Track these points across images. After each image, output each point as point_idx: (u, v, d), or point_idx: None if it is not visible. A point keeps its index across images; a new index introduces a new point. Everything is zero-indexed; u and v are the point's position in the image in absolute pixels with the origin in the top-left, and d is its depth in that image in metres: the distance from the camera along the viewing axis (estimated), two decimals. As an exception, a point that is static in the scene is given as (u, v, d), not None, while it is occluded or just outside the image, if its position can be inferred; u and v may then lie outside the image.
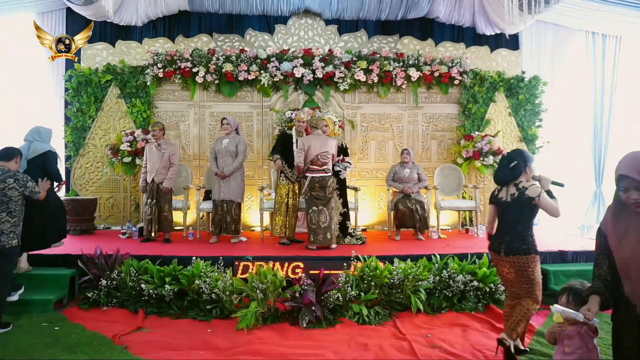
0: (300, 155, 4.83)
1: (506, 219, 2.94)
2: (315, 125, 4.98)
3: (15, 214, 3.46)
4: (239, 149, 5.20)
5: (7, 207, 3.41)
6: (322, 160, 4.85)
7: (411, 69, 6.46)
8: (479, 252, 4.46)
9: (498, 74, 6.71)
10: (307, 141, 4.86)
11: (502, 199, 2.94)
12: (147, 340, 3.30)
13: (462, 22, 7.11)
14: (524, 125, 6.76)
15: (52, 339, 3.30)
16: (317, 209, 4.83)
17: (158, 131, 5.35)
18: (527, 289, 2.87)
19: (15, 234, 3.47)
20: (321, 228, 4.82)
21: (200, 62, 6.28)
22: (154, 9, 6.58)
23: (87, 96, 6.31)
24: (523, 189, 2.84)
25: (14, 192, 3.43)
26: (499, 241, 2.95)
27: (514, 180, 2.90)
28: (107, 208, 6.47)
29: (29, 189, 3.52)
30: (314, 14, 6.84)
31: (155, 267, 4.07)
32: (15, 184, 3.44)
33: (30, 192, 3.54)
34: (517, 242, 2.85)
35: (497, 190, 3.03)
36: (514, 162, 2.90)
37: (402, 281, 3.94)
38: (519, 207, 2.85)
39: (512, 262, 2.88)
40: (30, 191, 3.53)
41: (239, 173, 5.26)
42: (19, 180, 3.47)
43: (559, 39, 7.24)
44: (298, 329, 3.54)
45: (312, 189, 4.83)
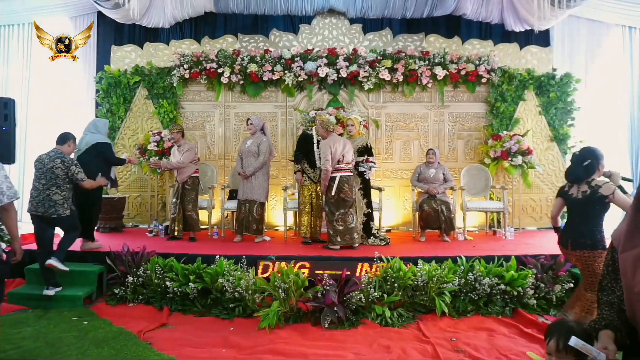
0: (328, 159, 4.74)
1: (575, 214, 3.11)
2: (325, 127, 4.90)
3: (64, 189, 3.96)
4: (260, 149, 5.22)
5: (56, 182, 3.92)
6: (346, 159, 4.83)
7: (437, 67, 6.34)
8: (507, 255, 4.33)
9: (528, 71, 6.51)
10: (329, 143, 4.82)
11: (572, 195, 3.08)
12: (171, 337, 3.35)
13: (490, 19, 6.95)
14: (555, 124, 6.54)
15: (81, 333, 3.39)
16: (345, 210, 4.79)
17: (176, 134, 5.45)
18: (591, 282, 3.00)
19: (68, 205, 3.99)
20: (348, 229, 4.79)
21: (226, 62, 6.35)
22: (181, 11, 6.69)
23: (117, 97, 6.47)
24: (596, 187, 2.96)
25: (60, 171, 3.93)
26: (566, 236, 3.13)
27: (587, 178, 3.03)
28: (135, 206, 6.61)
29: (71, 172, 3.96)
30: (338, 13, 6.82)
31: (180, 265, 4.13)
32: (61, 164, 3.94)
33: (72, 175, 3.97)
34: (584, 238, 3.01)
35: (567, 186, 3.18)
36: (587, 161, 3.03)
37: (426, 283, 3.87)
38: (590, 204, 2.99)
39: (578, 256, 3.07)
40: (72, 174, 3.97)
41: (261, 173, 5.26)
42: (65, 162, 3.96)
43: (594, 34, 6.97)
44: (320, 329, 3.52)
45: (341, 190, 4.78)
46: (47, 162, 3.93)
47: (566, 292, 4.02)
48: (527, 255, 4.31)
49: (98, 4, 6.21)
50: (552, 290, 3.99)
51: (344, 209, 4.80)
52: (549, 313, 3.87)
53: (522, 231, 6.26)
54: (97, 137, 4.78)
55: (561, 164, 6.56)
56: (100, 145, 4.74)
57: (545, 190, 6.58)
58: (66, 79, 6.91)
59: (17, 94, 6.09)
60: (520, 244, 5.17)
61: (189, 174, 5.37)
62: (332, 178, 4.78)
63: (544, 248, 4.84)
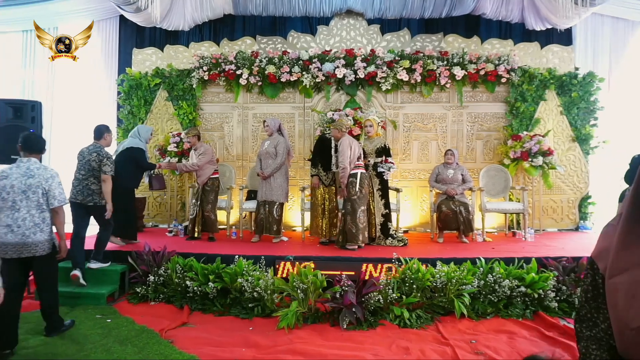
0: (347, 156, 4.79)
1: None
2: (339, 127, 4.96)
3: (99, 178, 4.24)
4: (277, 150, 5.26)
5: (93, 174, 4.25)
6: (361, 158, 4.92)
7: (455, 67, 6.30)
8: (527, 257, 4.28)
9: (549, 71, 6.41)
10: (347, 143, 4.84)
11: None
12: (191, 336, 3.41)
13: (510, 18, 6.87)
14: (577, 124, 6.42)
15: (105, 331, 3.47)
16: (365, 208, 4.83)
17: (192, 137, 5.54)
18: None
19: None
20: (366, 228, 4.83)
21: (244, 64, 6.41)
22: (200, 14, 6.79)
23: (138, 99, 6.60)
24: None
25: (95, 164, 4.25)
26: None
27: None
28: (155, 207, 6.73)
29: (103, 164, 4.23)
30: (356, 14, 6.82)
31: (200, 264, 4.20)
32: (96, 157, 4.26)
33: (101, 166, 4.23)
34: None
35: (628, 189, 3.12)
36: None
37: (445, 285, 3.84)
38: None
39: None
40: (102, 166, 4.23)
41: (279, 174, 5.30)
42: (99, 154, 4.26)
43: (618, 32, 6.83)
44: (338, 329, 3.54)
45: (363, 185, 4.83)
46: (86, 154, 4.28)
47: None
48: (548, 257, 4.25)
49: (120, 8, 6.34)
50: (574, 293, 3.92)
51: (364, 206, 4.83)
52: (571, 316, 3.81)
53: (543, 233, 6.17)
54: (134, 141, 5.00)
55: (583, 165, 6.44)
56: (132, 150, 4.94)
57: (566, 191, 6.47)
58: (89, 81, 7.08)
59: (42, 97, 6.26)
60: (540, 246, 5.09)
61: (208, 176, 5.44)
62: (353, 174, 4.82)
63: (566, 250, 4.76)
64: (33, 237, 3.11)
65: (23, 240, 3.08)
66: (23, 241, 3.08)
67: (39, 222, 3.14)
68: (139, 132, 5.15)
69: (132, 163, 4.93)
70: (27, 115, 4.96)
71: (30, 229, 3.10)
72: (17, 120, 4.94)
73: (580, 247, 5.08)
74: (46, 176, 3.20)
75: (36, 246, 3.13)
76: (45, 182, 3.18)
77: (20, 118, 4.95)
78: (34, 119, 4.99)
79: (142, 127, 5.25)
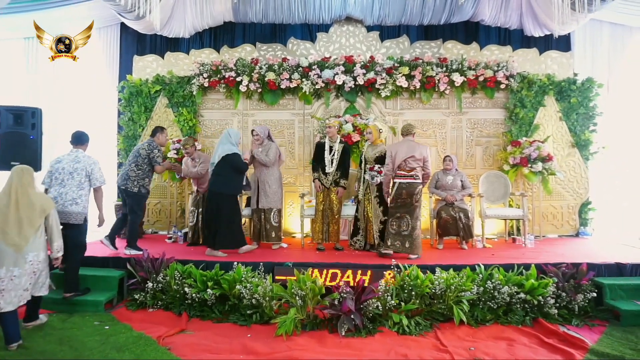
0: (388, 163, 4.82)
1: None
2: (405, 132, 4.96)
3: (140, 168, 4.87)
4: (269, 155, 5.23)
5: (136, 161, 4.87)
6: (409, 165, 4.78)
7: (455, 73, 6.32)
8: (526, 263, 4.27)
9: (548, 76, 6.43)
10: (394, 147, 4.88)
11: None
12: (189, 343, 3.39)
13: (509, 25, 6.90)
14: (577, 130, 6.42)
15: (103, 337, 3.46)
16: (399, 215, 4.76)
17: (190, 147, 5.60)
18: None
19: (140, 185, 4.88)
20: (400, 235, 4.73)
21: (244, 71, 6.44)
22: (201, 21, 6.84)
23: (138, 106, 6.62)
24: None
25: (143, 152, 4.89)
26: None
27: None
28: (154, 213, 6.73)
29: (153, 154, 4.89)
30: (355, 21, 6.86)
31: (199, 271, 4.19)
32: (147, 146, 4.92)
33: (153, 157, 4.89)
34: None
35: None
36: None
37: (444, 291, 3.83)
38: None
39: None
40: (153, 156, 4.89)
41: (274, 180, 5.29)
42: (150, 144, 4.94)
43: (616, 38, 6.85)
44: (337, 336, 3.52)
45: (399, 195, 4.78)
46: (140, 146, 4.96)
47: (588, 302, 3.95)
48: (548, 264, 4.24)
49: (121, 16, 6.38)
50: (574, 300, 3.91)
51: (399, 213, 4.75)
52: (570, 323, 3.79)
53: (543, 239, 6.15)
54: (227, 148, 4.88)
55: (582, 170, 6.43)
56: (229, 157, 4.85)
57: (566, 197, 6.46)
58: (90, 88, 7.11)
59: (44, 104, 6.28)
60: (540, 252, 5.08)
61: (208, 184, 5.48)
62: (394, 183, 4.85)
63: (565, 256, 4.75)
64: (70, 208, 3.99)
65: (63, 209, 3.95)
66: (62, 210, 3.94)
67: (76, 197, 4.03)
68: (231, 136, 4.97)
69: (232, 169, 4.87)
70: (28, 122, 4.97)
71: (69, 202, 4.00)
72: (17, 126, 4.95)
73: (580, 253, 5.07)
74: (89, 162, 4.17)
75: (71, 215, 4.00)
76: (88, 166, 4.13)
77: (21, 125, 4.96)
78: (34, 125, 5.00)
79: (232, 131, 5.05)
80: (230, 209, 4.86)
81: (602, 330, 3.67)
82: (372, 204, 5.10)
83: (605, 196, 6.69)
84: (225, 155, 4.86)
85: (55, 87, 7.10)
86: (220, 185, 4.81)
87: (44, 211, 3.39)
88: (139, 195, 4.92)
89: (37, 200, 3.36)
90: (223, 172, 4.84)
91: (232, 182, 4.89)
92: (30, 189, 3.37)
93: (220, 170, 4.85)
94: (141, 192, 4.92)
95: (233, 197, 4.93)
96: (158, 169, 5.05)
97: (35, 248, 3.33)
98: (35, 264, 3.34)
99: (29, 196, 3.32)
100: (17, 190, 3.30)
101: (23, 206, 3.28)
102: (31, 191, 3.36)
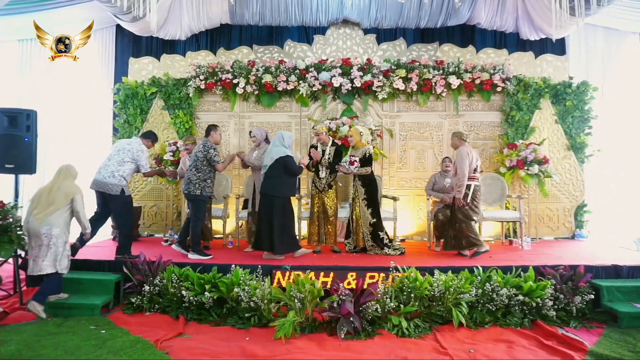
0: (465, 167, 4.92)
1: None
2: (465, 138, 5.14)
3: (201, 170, 4.83)
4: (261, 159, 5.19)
5: (196, 164, 4.84)
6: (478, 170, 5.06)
7: (451, 76, 6.34)
8: (524, 265, 4.28)
9: (543, 80, 6.47)
10: (471, 152, 5.03)
11: None
12: (187, 346, 3.36)
13: (505, 28, 6.95)
14: (572, 132, 6.47)
15: (99, 342, 3.41)
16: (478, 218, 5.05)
17: (191, 145, 5.54)
18: None
19: (201, 187, 4.82)
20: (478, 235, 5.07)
21: (241, 73, 6.43)
22: (197, 23, 6.82)
23: (134, 108, 6.58)
24: None
25: (200, 154, 4.83)
26: None
27: None
28: (150, 216, 6.68)
29: (209, 154, 4.82)
30: (352, 23, 6.88)
31: (196, 274, 4.16)
32: (202, 148, 4.86)
33: (210, 157, 4.82)
34: None
35: None
36: None
37: (442, 293, 3.83)
38: None
39: None
40: (210, 156, 4.82)
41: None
42: (205, 146, 4.87)
43: (610, 42, 6.92)
44: (336, 339, 3.50)
45: (475, 197, 4.95)
46: (196, 149, 4.93)
47: (586, 304, 3.96)
48: (546, 266, 4.25)
49: (117, 17, 6.35)
50: (571, 302, 3.92)
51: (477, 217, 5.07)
52: (569, 325, 3.80)
53: (539, 241, 6.18)
54: (280, 150, 4.80)
55: (578, 173, 6.47)
56: (281, 159, 4.76)
57: (562, 199, 6.49)
58: (85, 90, 7.06)
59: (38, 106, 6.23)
60: (537, 254, 5.10)
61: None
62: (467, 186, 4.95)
63: (562, 258, 4.77)
64: (107, 179, 4.57)
65: (102, 179, 4.59)
66: (102, 180, 4.59)
67: (114, 171, 4.59)
68: (284, 139, 4.89)
69: (285, 172, 4.79)
70: (22, 124, 4.91)
71: (108, 174, 4.58)
72: (12, 129, 4.89)
73: (577, 255, 5.09)
74: (137, 149, 4.72)
75: (107, 186, 4.56)
76: (135, 153, 4.68)
77: (16, 127, 4.90)
78: (29, 127, 4.95)
79: (285, 133, 4.96)
80: (284, 213, 4.79)
81: (600, 332, 3.67)
82: (361, 207, 5.08)
83: (600, 198, 6.73)
84: (278, 157, 4.77)
85: (50, 90, 7.05)
86: (273, 188, 4.74)
87: (67, 195, 3.98)
88: (200, 198, 4.83)
89: (65, 187, 4.01)
90: (276, 174, 4.76)
91: (285, 184, 4.80)
92: (64, 179, 4.06)
93: (273, 173, 4.77)
94: (202, 195, 4.83)
95: (286, 199, 4.84)
96: (219, 167, 4.91)
97: (50, 223, 3.87)
98: (49, 237, 3.86)
99: (60, 184, 4.02)
100: (55, 180, 4.06)
101: (53, 191, 3.97)
102: (63, 181, 4.05)
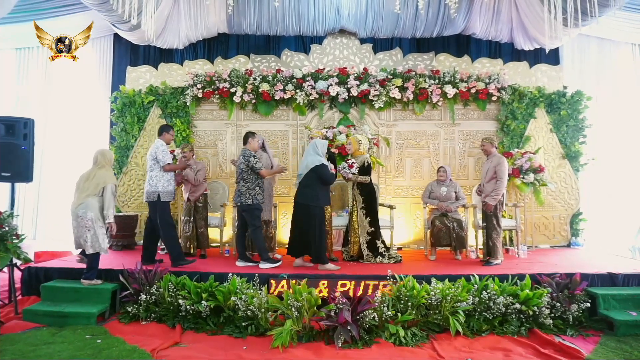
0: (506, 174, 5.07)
1: None
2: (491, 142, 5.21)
3: (248, 180, 4.83)
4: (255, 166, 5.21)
5: (242, 175, 4.85)
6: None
7: (447, 85, 6.40)
8: (521, 273, 4.30)
9: (538, 89, 6.54)
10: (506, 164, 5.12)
11: None
12: (184, 356, 3.34)
13: (500, 38, 7.03)
14: (567, 141, 6.53)
15: (95, 352, 3.38)
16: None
17: (188, 152, 5.54)
18: None
19: (252, 196, 4.81)
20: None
21: (238, 82, 6.46)
22: (195, 32, 6.86)
23: (131, 116, 6.59)
24: None
25: (242, 164, 4.84)
26: None
27: None
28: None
29: (251, 163, 4.80)
30: (349, 33, 6.94)
31: (193, 283, 4.14)
32: (242, 158, 4.87)
33: (251, 165, 4.79)
34: None
35: None
36: None
37: (440, 302, 3.83)
38: None
39: None
40: (251, 164, 4.79)
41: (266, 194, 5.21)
42: (245, 155, 4.87)
43: (604, 52, 7.02)
44: (333, 348, 3.49)
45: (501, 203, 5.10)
46: (239, 161, 4.92)
47: (582, 312, 3.97)
48: (542, 274, 4.26)
49: (115, 26, 6.38)
50: (568, 310, 3.93)
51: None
52: (565, 333, 3.81)
53: (535, 249, 6.20)
54: (316, 159, 4.79)
55: (573, 182, 6.52)
56: (316, 168, 4.76)
57: (558, 207, 6.52)
58: (82, 98, 7.06)
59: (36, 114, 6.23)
60: (534, 262, 5.11)
61: (202, 192, 5.50)
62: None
63: (559, 266, 4.79)
64: (145, 188, 4.81)
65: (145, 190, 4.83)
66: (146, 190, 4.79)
67: (148, 178, 4.77)
68: (317, 147, 4.88)
69: (319, 181, 4.77)
70: (20, 133, 4.90)
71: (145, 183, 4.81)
72: (9, 137, 4.88)
73: (572, 263, 5.11)
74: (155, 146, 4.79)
75: (146, 194, 4.76)
76: (154, 150, 4.75)
77: (13, 135, 4.89)
78: (26, 136, 4.93)
79: (319, 142, 4.94)
80: (319, 222, 4.73)
81: (596, 341, 3.68)
82: (359, 215, 5.09)
83: (595, 207, 6.77)
84: (314, 166, 4.75)
85: (47, 98, 7.06)
86: (308, 197, 4.71)
87: (98, 184, 4.27)
88: (253, 207, 4.82)
89: (98, 177, 4.31)
90: (310, 183, 4.74)
91: (319, 194, 4.77)
92: (99, 168, 4.36)
93: (308, 182, 4.75)
94: (254, 204, 4.82)
95: (321, 209, 4.79)
96: (264, 173, 4.88)
97: (84, 207, 4.21)
98: (84, 219, 4.19)
99: (95, 173, 4.33)
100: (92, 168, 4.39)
101: (89, 178, 4.31)
102: (99, 169, 4.35)
